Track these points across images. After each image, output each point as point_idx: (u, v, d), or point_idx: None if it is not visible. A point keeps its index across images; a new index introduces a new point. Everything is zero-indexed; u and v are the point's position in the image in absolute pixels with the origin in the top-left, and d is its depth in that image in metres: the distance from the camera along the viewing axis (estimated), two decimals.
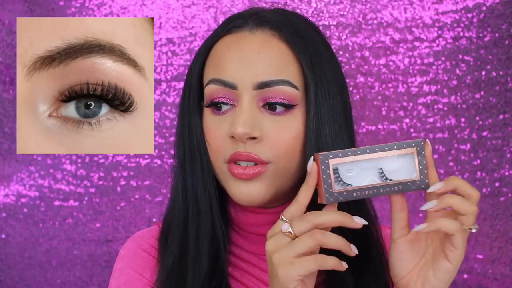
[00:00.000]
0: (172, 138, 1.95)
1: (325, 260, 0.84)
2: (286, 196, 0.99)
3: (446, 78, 1.90)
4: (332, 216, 0.85)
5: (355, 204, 0.95)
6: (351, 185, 0.87)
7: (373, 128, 1.92)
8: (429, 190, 0.87)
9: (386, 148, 0.88)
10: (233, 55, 0.97)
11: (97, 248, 1.97)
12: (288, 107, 0.95)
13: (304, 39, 0.98)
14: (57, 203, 1.97)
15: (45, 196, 1.97)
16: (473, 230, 0.86)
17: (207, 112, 0.99)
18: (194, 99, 1.01)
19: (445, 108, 1.90)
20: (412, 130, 1.91)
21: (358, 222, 0.85)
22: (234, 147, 0.95)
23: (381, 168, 0.88)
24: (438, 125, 1.90)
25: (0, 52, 1.96)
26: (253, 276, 1.01)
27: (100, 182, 1.97)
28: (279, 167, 0.96)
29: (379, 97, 1.91)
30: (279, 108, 0.95)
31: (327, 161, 0.87)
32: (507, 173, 1.89)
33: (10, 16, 1.96)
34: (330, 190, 0.87)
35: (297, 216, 0.86)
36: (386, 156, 0.88)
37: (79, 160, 1.97)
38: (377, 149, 0.88)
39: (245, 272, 1.02)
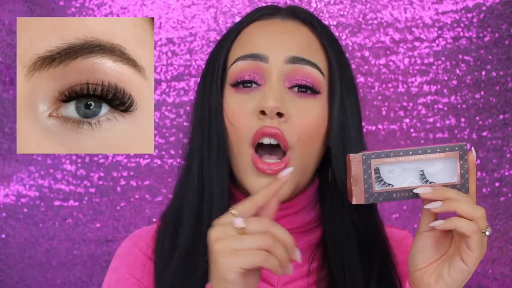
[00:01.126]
0: (172, 138, 1.95)
1: (268, 258, 0.81)
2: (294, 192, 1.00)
3: (446, 78, 1.90)
4: (285, 234, 0.82)
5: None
6: (392, 186, 0.87)
7: (373, 128, 1.91)
8: (426, 207, 0.87)
9: (429, 151, 0.88)
10: (265, 34, 0.98)
11: (97, 248, 1.97)
12: (313, 91, 0.96)
13: (331, 37, 1.01)
14: (57, 203, 1.97)
15: (45, 196, 1.97)
16: (487, 233, 0.86)
17: (229, 92, 0.98)
18: (216, 81, 1.00)
19: (445, 108, 1.90)
20: (412, 130, 1.91)
21: (298, 257, 0.83)
22: (261, 123, 0.95)
23: (422, 170, 0.88)
24: (438, 125, 1.90)
25: (0, 52, 1.96)
26: None
27: (100, 182, 1.97)
28: (299, 155, 0.95)
29: (379, 97, 1.91)
30: (304, 90, 0.96)
31: (369, 161, 0.87)
32: (507, 173, 1.89)
33: (10, 16, 1.96)
34: (371, 190, 0.87)
35: (249, 214, 0.83)
36: (428, 159, 0.88)
37: (79, 160, 1.96)
38: (420, 151, 0.87)
39: None
